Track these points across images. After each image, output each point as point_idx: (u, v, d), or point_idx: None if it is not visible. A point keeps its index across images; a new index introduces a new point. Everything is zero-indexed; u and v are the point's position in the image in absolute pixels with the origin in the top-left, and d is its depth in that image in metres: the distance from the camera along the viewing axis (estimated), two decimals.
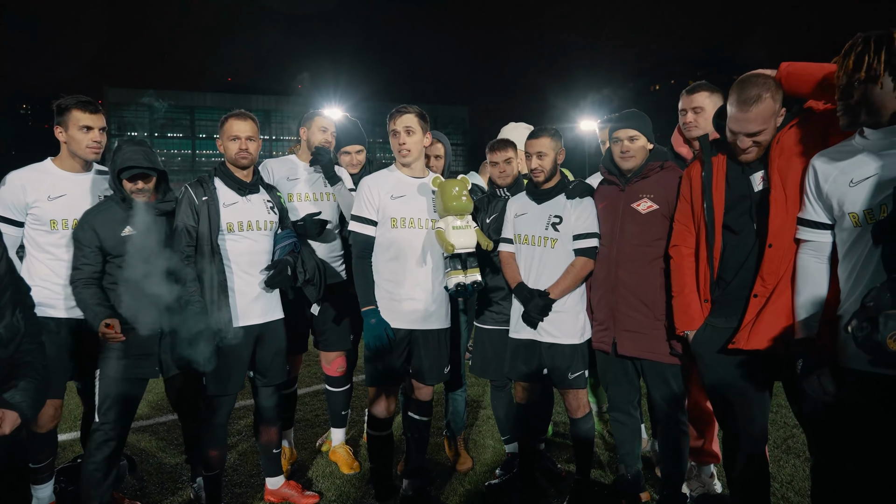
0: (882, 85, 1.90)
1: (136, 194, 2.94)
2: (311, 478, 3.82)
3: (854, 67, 1.94)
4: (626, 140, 3.02)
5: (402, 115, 3.18)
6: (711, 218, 2.57)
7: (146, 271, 2.89)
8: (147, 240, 2.93)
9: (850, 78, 1.96)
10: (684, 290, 2.72)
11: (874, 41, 1.91)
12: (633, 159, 3.03)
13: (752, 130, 2.38)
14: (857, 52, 1.93)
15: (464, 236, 3.06)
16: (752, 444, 2.56)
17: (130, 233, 2.94)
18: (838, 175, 2.05)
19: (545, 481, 3.64)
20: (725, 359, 2.54)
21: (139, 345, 2.93)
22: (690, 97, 3.26)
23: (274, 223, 3.26)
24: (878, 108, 1.94)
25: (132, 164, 2.88)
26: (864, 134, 2.03)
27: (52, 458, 3.19)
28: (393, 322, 3.14)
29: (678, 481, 3.10)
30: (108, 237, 2.92)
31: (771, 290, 2.38)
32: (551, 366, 3.25)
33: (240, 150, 3.13)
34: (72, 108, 3.00)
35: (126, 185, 2.92)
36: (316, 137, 3.79)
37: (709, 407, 3.28)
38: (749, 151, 2.45)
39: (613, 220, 3.08)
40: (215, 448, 3.15)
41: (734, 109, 2.40)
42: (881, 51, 1.88)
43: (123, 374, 2.90)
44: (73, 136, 3.01)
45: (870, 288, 1.75)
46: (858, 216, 1.97)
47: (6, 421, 1.95)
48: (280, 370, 3.32)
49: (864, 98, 1.94)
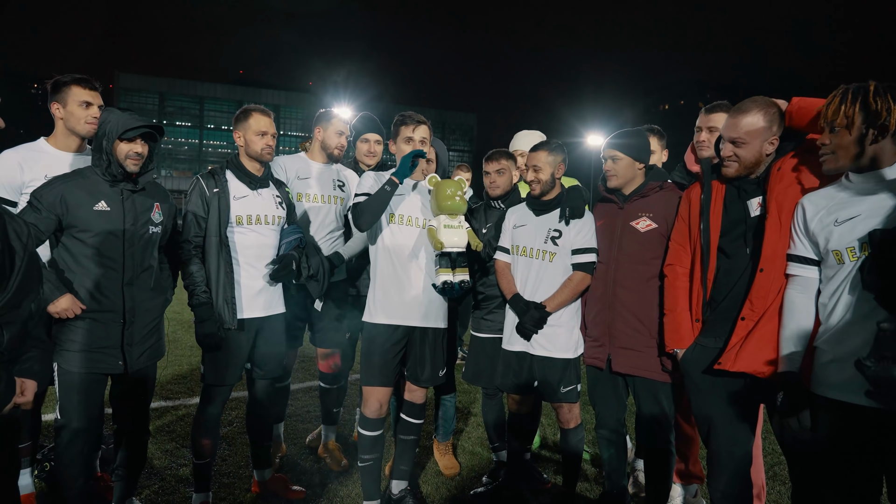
0: (856, 132, 2.04)
1: (132, 160, 2.73)
2: (299, 473, 3.85)
3: (833, 116, 2.09)
4: (609, 160, 3.11)
5: (421, 125, 3.25)
6: (707, 240, 2.63)
7: (113, 253, 2.72)
8: (121, 218, 2.74)
9: (830, 125, 2.10)
10: (676, 308, 2.77)
11: (851, 92, 2.06)
12: (616, 178, 3.10)
13: (733, 136, 2.50)
14: (836, 103, 2.08)
15: (454, 235, 3.13)
16: (735, 465, 2.59)
17: (104, 208, 2.72)
18: (825, 215, 2.16)
19: (530, 492, 3.66)
20: (712, 379, 2.59)
21: (100, 336, 2.70)
22: (708, 116, 3.19)
23: (282, 218, 3.30)
24: (854, 155, 2.07)
25: (138, 125, 2.71)
26: (849, 177, 2.15)
27: (35, 441, 3.22)
28: (393, 319, 3.18)
29: (663, 499, 3.13)
30: (76, 208, 2.65)
31: (760, 315, 2.43)
32: (542, 379, 3.28)
33: (266, 146, 3.19)
34: (71, 85, 2.96)
35: (122, 147, 2.71)
36: (332, 141, 3.83)
37: (689, 429, 3.37)
38: (728, 164, 2.54)
39: (611, 238, 3.12)
40: (207, 437, 3.18)
41: (728, 115, 2.56)
42: (857, 101, 2.03)
43: (82, 368, 2.67)
44: (73, 112, 2.96)
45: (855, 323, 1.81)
46: (842, 254, 2.07)
47: (28, 389, 2.05)
48: (278, 364, 3.35)
49: (842, 145, 2.09)
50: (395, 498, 3.37)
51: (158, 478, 3.65)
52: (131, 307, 2.76)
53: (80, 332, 2.67)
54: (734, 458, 2.59)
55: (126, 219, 2.75)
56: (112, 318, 2.72)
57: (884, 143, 2.03)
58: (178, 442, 4.20)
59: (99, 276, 2.70)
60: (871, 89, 2.02)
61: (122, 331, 2.74)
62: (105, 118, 2.74)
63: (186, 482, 3.58)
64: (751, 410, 2.59)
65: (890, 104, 1.99)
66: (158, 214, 2.90)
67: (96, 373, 2.71)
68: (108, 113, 2.76)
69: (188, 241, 3.09)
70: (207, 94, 79.29)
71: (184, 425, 4.52)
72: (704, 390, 2.64)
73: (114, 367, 2.74)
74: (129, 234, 2.75)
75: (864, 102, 2.02)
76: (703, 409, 2.68)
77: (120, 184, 2.75)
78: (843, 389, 2.01)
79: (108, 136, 2.70)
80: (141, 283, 2.81)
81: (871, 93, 2.01)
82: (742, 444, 2.58)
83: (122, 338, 2.74)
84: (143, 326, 2.82)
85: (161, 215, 2.92)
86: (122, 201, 2.75)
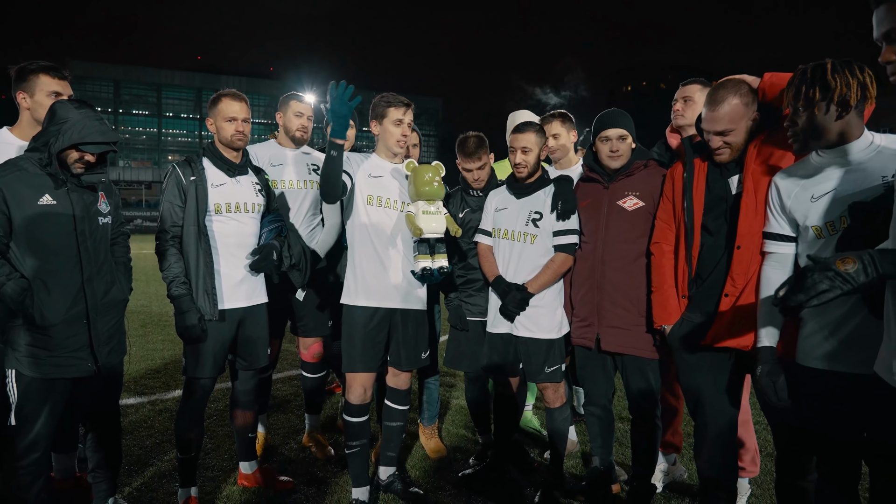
0: (819, 111, 2.07)
1: (79, 165, 2.53)
2: (284, 463, 3.81)
3: (794, 97, 2.11)
4: (615, 139, 3.07)
5: (409, 109, 3.23)
6: (691, 218, 2.67)
7: (68, 251, 2.52)
8: (70, 211, 2.53)
9: (793, 107, 2.13)
10: (664, 285, 2.82)
11: (810, 72, 2.09)
12: (621, 158, 3.09)
13: (719, 129, 2.52)
14: (797, 83, 2.11)
15: (433, 221, 3.10)
16: (719, 434, 2.66)
17: (50, 202, 2.50)
18: (800, 192, 2.20)
19: (518, 472, 3.70)
20: (699, 353, 2.64)
21: (65, 339, 2.53)
22: (684, 87, 3.35)
23: (262, 206, 3.23)
24: (821, 133, 2.10)
25: (99, 140, 2.50)
26: (819, 153, 2.19)
27: None
28: (371, 301, 3.16)
29: (649, 473, 3.19)
30: (18, 205, 2.43)
31: (741, 290, 2.49)
32: (527, 360, 3.30)
33: (236, 132, 3.11)
34: (39, 73, 2.82)
35: (73, 154, 2.50)
36: (292, 123, 3.78)
37: (672, 401, 3.48)
38: (721, 152, 2.57)
39: (598, 218, 3.13)
40: (192, 431, 3.11)
41: (705, 110, 2.57)
42: (816, 81, 2.06)
43: (46, 374, 2.49)
44: (41, 102, 2.80)
45: None
46: (821, 229, 2.11)
47: None
48: (262, 354, 3.29)
49: (808, 124, 2.11)
50: (383, 483, 3.37)
51: (139, 475, 3.56)
52: (94, 304, 2.60)
53: (42, 337, 2.48)
54: (719, 428, 2.65)
55: (76, 211, 2.54)
56: (76, 318, 2.55)
57: (849, 117, 2.06)
58: (156, 438, 4.11)
59: (56, 275, 2.50)
60: (829, 67, 2.05)
61: (89, 330, 2.59)
62: (63, 115, 2.49)
63: (170, 477, 3.50)
64: (736, 383, 2.65)
65: (848, 79, 2.02)
66: (105, 204, 2.73)
67: (63, 377, 2.54)
68: (65, 110, 2.50)
69: (165, 230, 3.00)
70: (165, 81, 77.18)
71: (162, 420, 4.43)
72: (692, 365, 2.69)
73: (84, 370, 2.59)
74: (80, 228, 2.56)
75: (823, 81, 2.05)
76: (690, 383, 2.73)
77: (61, 180, 2.54)
78: (825, 359, 2.07)
79: (59, 138, 2.46)
80: (101, 278, 2.66)
81: (828, 70, 2.04)
82: (727, 415, 2.65)
83: (89, 338, 2.59)
84: (107, 323, 2.69)
85: (108, 205, 2.75)
86: (68, 192, 2.54)
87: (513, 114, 4.35)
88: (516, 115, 4.34)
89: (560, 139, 3.67)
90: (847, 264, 1.56)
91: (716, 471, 2.69)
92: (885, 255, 1.56)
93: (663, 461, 3.53)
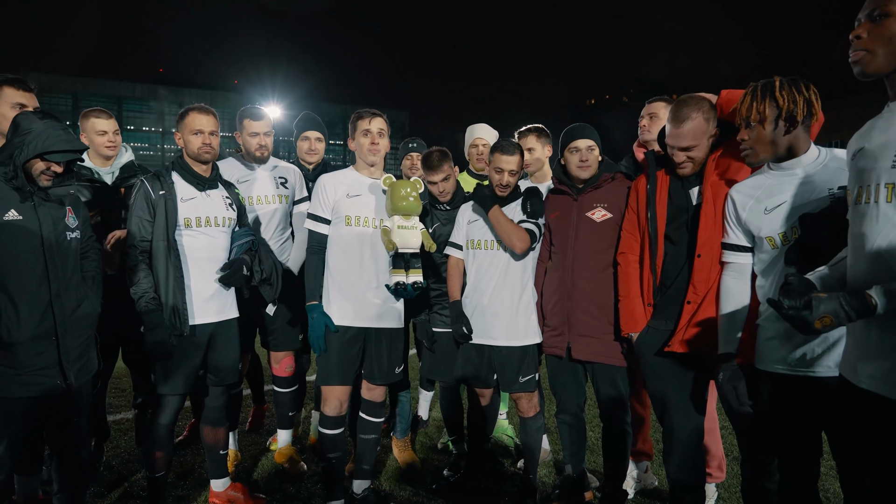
0: (769, 126, 2.20)
1: (46, 176, 2.48)
2: (257, 479, 3.77)
3: (746, 113, 2.24)
4: (584, 149, 3.15)
5: (377, 117, 3.29)
6: (654, 228, 2.77)
7: (35, 267, 2.45)
8: (37, 226, 2.46)
9: (745, 122, 2.26)
10: (630, 294, 2.90)
11: (760, 89, 2.21)
12: (590, 169, 3.17)
13: (684, 145, 2.62)
14: (748, 101, 2.23)
15: (408, 236, 3.13)
16: (686, 440, 2.74)
17: (16, 217, 2.42)
18: (754, 204, 2.31)
19: (492, 481, 3.72)
20: (664, 360, 2.73)
21: (33, 356, 2.44)
22: (650, 105, 3.49)
23: (232, 220, 3.21)
24: (771, 147, 2.23)
25: (65, 149, 2.46)
26: (770, 167, 2.32)
27: None
28: (346, 320, 3.17)
29: (620, 479, 3.25)
30: None
31: (702, 297, 2.58)
32: (501, 369, 3.34)
33: (203, 145, 3.09)
34: (3, 85, 2.79)
35: (38, 165, 2.45)
36: (249, 143, 3.78)
37: (640, 409, 3.56)
38: (684, 166, 2.68)
39: (567, 229, 3.19)
40: (161, 449, 3.06)
41: (669, 126, 2.67)
42: (766, 97, 2.19)
43: (12, 392, 2.41)
44: (6, 115, 2.74)
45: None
46: (775, 239, 2.23)
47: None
48: (233, 370, 3.26)
49: (759, 138, 2.24)
50: (358, 497, 3.36)
51: (107, 496, 3.48)
52: (62, 321, 2.54)
53: (8, 355, 2.39)
54: (686, 433, 2.73)
55: (43, 227, 2.47)
56: (44, 336, 2.47)
57: (796, 131, 2.19)
58: (123, 457, 4.02)
59: (22, 292, 2.42)
60: (777, 84, 2.18)
61: (58, 348, 2.51)
62: (26, 126, 2.44)
63: (139, 497, 3.43)
64: (701, 388, 2.73)
65: (795, 96, 2.15)
66: (73, 219, 2.65)
67: (30, 396, 2.45)
68: (28, 121, 2.46)
69: (134, 245, 2.95)
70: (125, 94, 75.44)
71: (128, 440, 4.33)
72: (658, 371, 2.77)
73: (53, 388, 2.50)
74: (48, 244, 2.48)
75: (773, 97, 2.17)
76: (657, 389, 2.81)
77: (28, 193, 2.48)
78: (783, 362, 2.17)
79: (23, 149, 2.41)
80: (69, 294, 2.59)
81: (776, 88, 2.17)
82: (693, 420, 2.72)
83: (58, 355, 2.51)
84: (77, 339, 2.61)
85: (76, 220, 2.67)
86: (35, 207, 2.47)
87: (471, 127, 4.43)
88: (475, 128, 4.42)
89: (535, 153, 3.76)
90: (825, 322, 1.64)
91: (685, 474, 2.77)
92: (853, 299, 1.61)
93: (635, 468, 3.60)
